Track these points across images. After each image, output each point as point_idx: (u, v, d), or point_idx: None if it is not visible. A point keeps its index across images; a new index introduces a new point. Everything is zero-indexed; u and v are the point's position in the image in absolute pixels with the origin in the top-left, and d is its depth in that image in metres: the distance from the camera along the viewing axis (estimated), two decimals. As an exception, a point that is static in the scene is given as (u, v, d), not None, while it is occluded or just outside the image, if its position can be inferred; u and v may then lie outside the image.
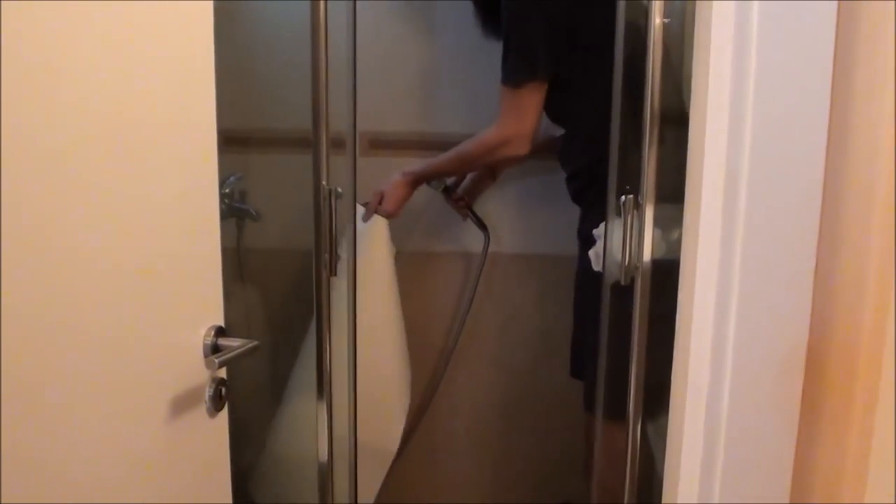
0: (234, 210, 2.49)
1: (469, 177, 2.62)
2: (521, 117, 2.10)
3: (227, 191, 2.46)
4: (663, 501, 0.94)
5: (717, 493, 0.84)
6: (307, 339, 2.24)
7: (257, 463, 2.44)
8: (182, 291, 1.17)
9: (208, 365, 1.18)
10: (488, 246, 2.70)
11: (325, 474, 2.16)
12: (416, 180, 2.40)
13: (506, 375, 2.84)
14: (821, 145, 0.84)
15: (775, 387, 0.85)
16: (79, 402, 0.99)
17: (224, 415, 1.25)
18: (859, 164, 0.85)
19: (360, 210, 2.39)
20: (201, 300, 1.21)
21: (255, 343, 1.22)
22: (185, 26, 1.13)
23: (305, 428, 2.16)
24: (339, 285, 2.12)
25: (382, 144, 2.67)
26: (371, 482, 2.42)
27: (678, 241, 2.27)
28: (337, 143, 2.22)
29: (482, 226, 2.69)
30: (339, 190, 2.09)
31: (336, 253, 2.04)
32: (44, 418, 0.93)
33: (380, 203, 2.40)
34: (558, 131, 2.29)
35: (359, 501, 2.36)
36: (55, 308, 0.94)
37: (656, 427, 2.33)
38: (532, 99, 2.09)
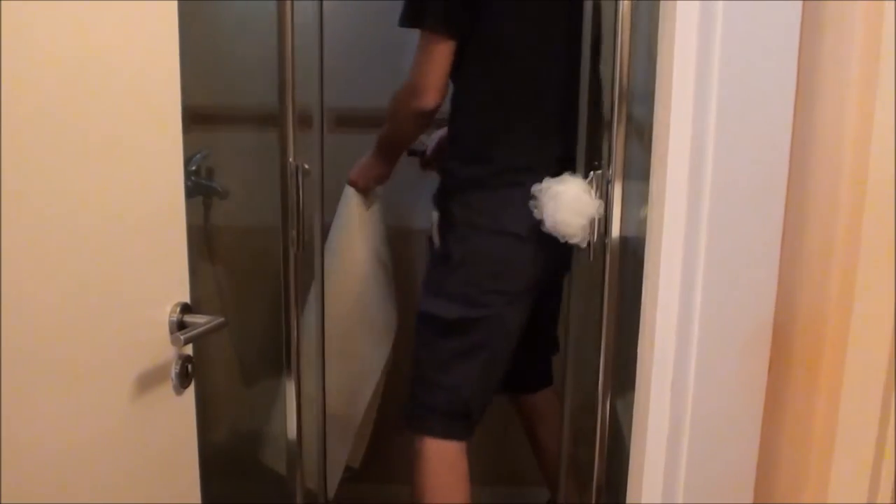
0: (201, 187, 2.48)
1: (437, 138, 2.56)
2: (423, 68, 2.04)
3: (193, 168, 2.44)
4: (629, 478, 0.94)
5: (683, 468, 0.84)
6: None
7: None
8: (147, 268, 1.15)
9: (174, 342, 1.17)
10: None
11: (294, 450, 2.16)
12: (376, 151, 2.36)
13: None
14: (787, 116, 0.84)
15: (742, 361, 0.85)
16: (42, 380, 0.98)
17: (191, 392, 1.24)
18: (826, 136, 0.86)
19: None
20: (167, 277, 1.20)
21: (222, 319, 1.21)
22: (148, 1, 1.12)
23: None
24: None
25: (350, 121, 2.65)
26: (339, 448, 2.40)
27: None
28: (304, 120, 2.20)
29: None
30: (307, 166, 2.08)
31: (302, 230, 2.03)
32: (6, 396, 0.92)
33: None
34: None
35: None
36: (16, 284, 0.92)
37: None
38: (435, 52, 2.02)
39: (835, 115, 0.85)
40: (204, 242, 2.52)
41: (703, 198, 0.81)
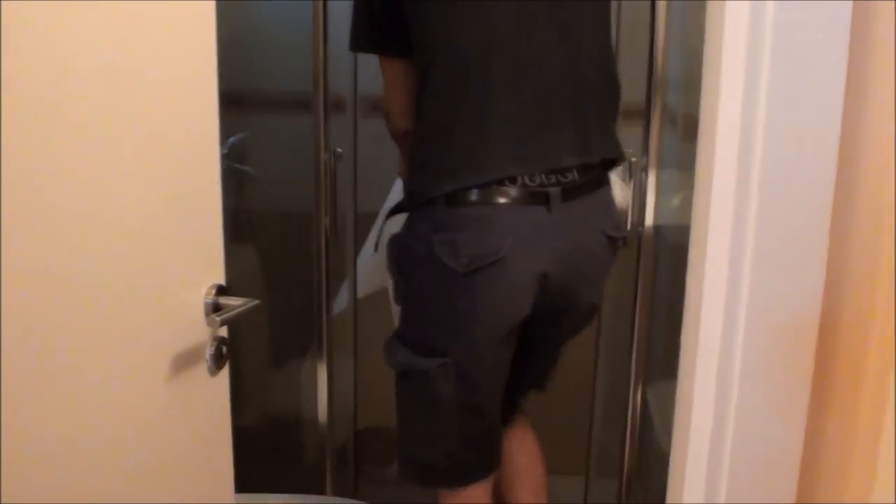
0: (234, 171, 2.49)
1: None
2: (384, 91, 1.84)
3: (225, 152, 2.45)
4: (671, 466, 0.93)
5: (727, 458, 0.84)
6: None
7: None
8: (183, 249, 1.16)
9: (209, 323, 1.17)
10: None
11: (324, 435, 2.17)
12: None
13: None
14: (837, 106, 0.82)
15: (788, 355, 0.84)
16: (79, 361, 0.98)
17: (225, 373, 1.24)
18: (876, 126, 0.84)
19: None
20: (202, 259, 1.20)
21: (257, 302, 1.21)
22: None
23: None
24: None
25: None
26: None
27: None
28: (338, 105, 2.21)
29: None
30: (339, 150, 2.08)
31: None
32: (44, 377, 0.92)
33: None
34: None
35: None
36: (54, 266, 0.92)
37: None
38: (385, 73, 1.82)
39: (885, 106, 0.84)
40: (235, 225, 2.53)
41: (751, 189, 0.80)
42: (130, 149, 1.03)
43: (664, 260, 2.37)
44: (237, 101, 2.47)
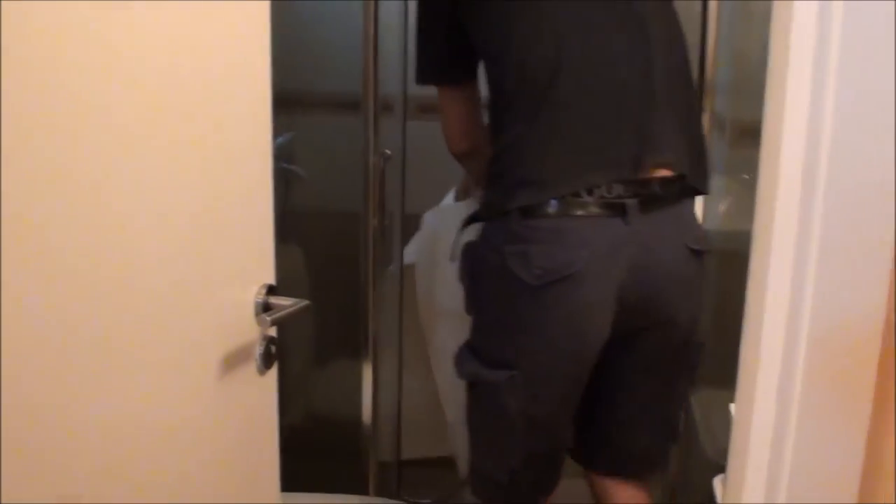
0: (282, 171, 2.50)
1: None
2: (441, 118, 1.88)
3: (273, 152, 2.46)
4: (728, 473, 0.92)
5: (787, 467, 0.82)
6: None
7: None
8: (234, 249, 1.16)
9: (260, 323, 1.18)
10: None
11: (368, 436, 2.17)
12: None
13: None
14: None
15: (850, 360, 0.83)
16: (131, 359, 0.99)
17: (273, 373, 1.25)
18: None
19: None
20: (253, 258, 1.21)
21: (307, 303, 1.21)
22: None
23: None
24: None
25: (432, 108, 2.65)
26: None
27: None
28: (387, 106, 2.21)
29: None
30: (388, 152, 2.08)
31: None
32: (95, 374, 0.93)
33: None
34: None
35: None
36: (107, 264, 0.93)
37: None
38: (442, 101, 1.87)
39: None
40: (283, 225, 2.54)
41: (816, 198, 0.78)
42: (183, 148, 1.04)
43: (710, 265, 2.34)
44: (287, 102, 2.48)
